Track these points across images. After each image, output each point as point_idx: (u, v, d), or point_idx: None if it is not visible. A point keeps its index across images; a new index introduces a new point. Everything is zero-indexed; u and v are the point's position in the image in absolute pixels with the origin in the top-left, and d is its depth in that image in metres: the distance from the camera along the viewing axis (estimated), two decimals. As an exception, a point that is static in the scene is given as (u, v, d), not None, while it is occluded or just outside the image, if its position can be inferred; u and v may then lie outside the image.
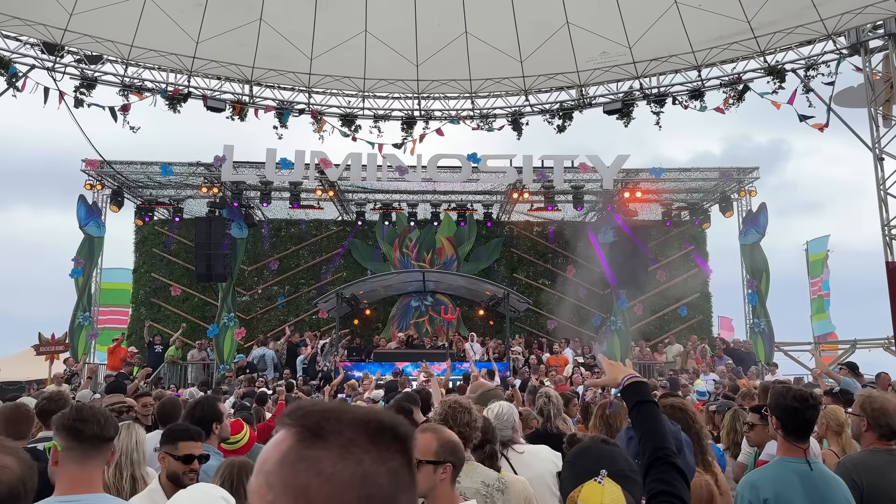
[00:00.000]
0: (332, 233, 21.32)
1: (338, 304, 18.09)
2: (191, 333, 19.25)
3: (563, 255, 21.02)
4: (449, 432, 2.77)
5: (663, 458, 2.08)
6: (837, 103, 14.65)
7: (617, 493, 1.81)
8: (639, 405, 2.25)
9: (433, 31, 15.30)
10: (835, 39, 14.44)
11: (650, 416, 2.21)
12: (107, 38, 14.88)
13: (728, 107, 15.67)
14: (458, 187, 19.40)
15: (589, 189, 19.09)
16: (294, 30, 15.24)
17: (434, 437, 2.69)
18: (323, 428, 0.87)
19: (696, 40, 15.00)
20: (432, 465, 2.61)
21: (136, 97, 15.65)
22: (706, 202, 20.59)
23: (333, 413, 0.89)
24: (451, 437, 2.71)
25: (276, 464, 0.86)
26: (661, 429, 2.18)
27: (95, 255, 18.62)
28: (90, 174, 18.30)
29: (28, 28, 14.25)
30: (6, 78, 14.34)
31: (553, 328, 20.45)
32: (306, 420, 0.88)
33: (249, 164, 18.21)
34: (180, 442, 3.34)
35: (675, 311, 20.75)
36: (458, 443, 2.72)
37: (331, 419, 0.88)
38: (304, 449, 0.86)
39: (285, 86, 16.64)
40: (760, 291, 18.67)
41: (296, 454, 0.86)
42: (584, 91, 16.47)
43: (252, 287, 20.88)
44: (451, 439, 2.69)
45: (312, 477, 0.84)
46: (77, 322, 17.90)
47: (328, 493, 0.84)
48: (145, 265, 20.75)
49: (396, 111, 17.17)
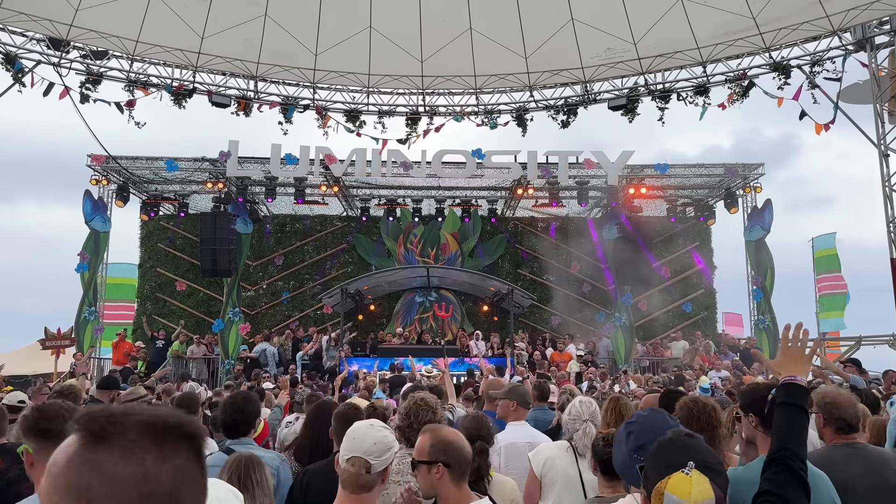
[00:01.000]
0: (336, 228, 21.36)
1: (342, 299, 18.12)
2: (196, 328, 19.32)
3: (567, 251, 21.01)
4: (447, 432, 2.75)
5: (782, 459, 2.06)
6: (843, 100, 14.60)
7: (705, 484, 1.79)
8: (785, 405, 2.23)
9: (438, 27, 15.31)
10: (840, 35, 14.40)
11: (791, 419, 2.19)
12: (112, 34, 14.94)
13: (732, 103, 15.64)
14: (463, 183, 19.40)
15: (594, 185, 19.08)
16: (299, 25, 15.26)
17: (427, 438, 2.69)
18: (106, 431, 0.93)
19: (701, 36, 14.97)
20: (426, 465, 2.63)
21: (142, 92, 15.71)
22: (711, 198, 20.56)
23: (118, 417, 0.95)
24: (446, 437, 2.69)
25: (62, 466, 0.93)
26: (795, 433, 2.15)
27: (101, 250, 18.70)
28: (96, 169, 18.38)
29: (34, 23, 14.31)
30: (12, 73, 14.40)
31: (557, 324, 20.46)
32: (91, 425, 0.94)
33: (254, 160, 18.25)
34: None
35: (680, 308, 20.73)
36: (455, 442, 2.67)
37: (115, 423, 0.94)
38: (88, 452, 0.92)
39: (290, 81, 16.67)
40: (765, 288, 18.63)
41: (80, 457, 0.92)
42: (589, 87, 16.46)
43: (257, 282, 20.93)
44: (444, 439, 2.67)
45: (94, 477, 0.90)
46: (83, 316, 17.99)
47: (109, 492, 0.90)
48: (151, 260, 20.82)
49: (401, 107, 17.18)
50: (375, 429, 2.61)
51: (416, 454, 2.69)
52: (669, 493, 1.80)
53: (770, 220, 18.64)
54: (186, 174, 18.93)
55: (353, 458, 2.51)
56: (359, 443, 2.54)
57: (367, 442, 2.54)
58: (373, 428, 2.61)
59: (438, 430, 2.77)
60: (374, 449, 2.53)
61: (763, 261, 18.74)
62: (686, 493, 1.78)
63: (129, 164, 18.47)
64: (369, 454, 2.52)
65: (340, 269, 21.02)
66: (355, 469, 2.50)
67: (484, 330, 19.30)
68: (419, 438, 2.75)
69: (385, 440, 2.58)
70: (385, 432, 2.63)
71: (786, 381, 2.29)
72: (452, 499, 2.60)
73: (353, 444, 2.55)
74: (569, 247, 20.91)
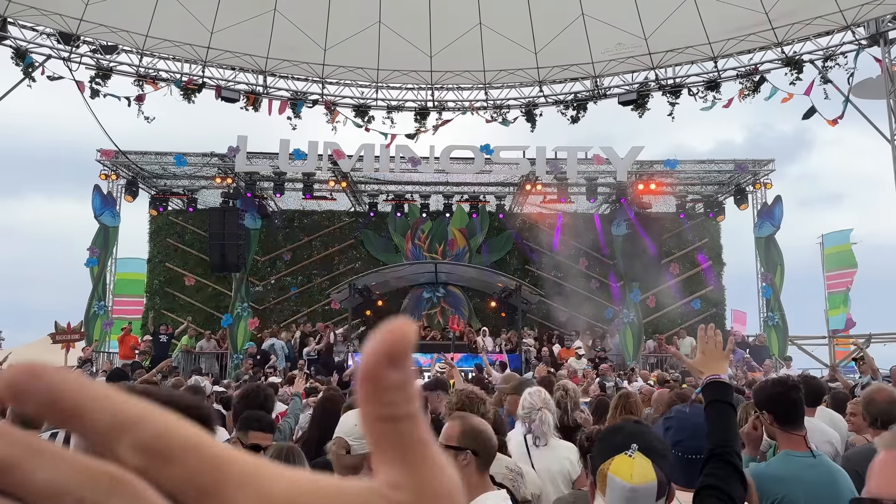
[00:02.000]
0: (344, 224, 21.35)
1: (350, 294, 18.12)
2: (204, 323, 19.36)
3: (576, 248, 20.95)
4: (476, 421, 2.75)
5: (721, 454, 2.12)
6: (856, 94, 14.50)
7: (647, 466, 1.84)
8: (715, 403, 2.30)
9: (447, 22, 15.26)
10: (853, 30, 14.28)
11: (722, 416, 2.26)
12: (122, 28, 14.96)
13: (743, 98, 15.54)
14: (471, 178, 19.35)
15: (602, 181, 19.00)
16: (308, 20, 15.25)
17: (458, 424, 2.70)
18: None
19: (712, 31, 14.88)
20: (453, 450, 2.62)
21: (151, 87, 15.73)
22: (721, 195, 20.45)
23: None
24: (477, 426, 2.69)
25: None
26: (728, 428, 2.23)
27: (110, 245, 18.75)
28: (105, 164, 18.41)
29: (44, 18, 14.34)
30: (23, 68, 14.43)
31: (565, 320, 20.41)
32: None
33: (263, 155, 18.25)
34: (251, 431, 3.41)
35: (689, 305, 20.65)
36: (484, 431, 2.68)
37: None
38: None
39: (299, 76, 16.66)
40: (775, 285, 18.54)
41: None
42: (599, 82, 16.38)
43: (265, 277, 20.96)
44: (475, 427, 2.68)
45: None
46: (92, 311, 18.06)
47: None
48: (159, 255, 20.86)
49: (410, 102, 17.14)
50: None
51: (444, 439, 2.69)
52: (612, 474, 1.85)
53: (780, 217, 18.54)
54: (195, 169, 18.96)
55: (336, 438, 2.57)
56: (342, 426, 2.61)
57: (349, 424, 2.60)
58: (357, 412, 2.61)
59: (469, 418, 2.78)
60: (355, 430, 2.56)
61: (772, 257, 18.64)
62: (628, 475, 1.83)
63: (138, 159, 18.50)
64: (349, 435, 2.56)
65: (348, 264, 21.02)
66: (335, 450, 2.55)
67: (491, 326, 19.26)
68: (447, 424, 2.76)
69: None
70: None
71: (710, 380, 2.36)
72: (474, 487, 2.60)
73: (339, 427, 2.62)
74: (577, 243, 20.85)
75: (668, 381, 11.06)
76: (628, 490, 1.83)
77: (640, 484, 1.82)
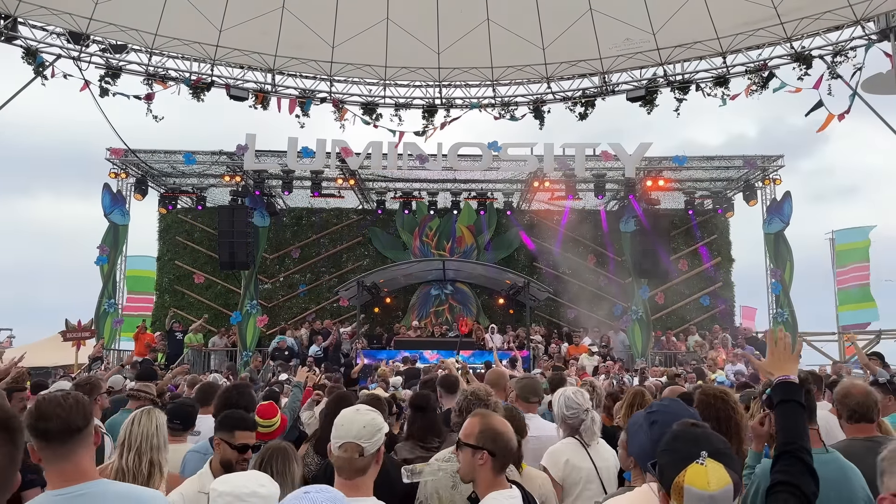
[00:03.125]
0: (352, 221, 21.41)
1: (359, 292, 18.18)
2: (214, 321, 19.48)
3: (584, 244, 20.92)
4: (497, 421, 2.74)
5: (792, 451, 2.21)
6: (865, 90, 14.38)
7: (721, 471, 1.84)
8: (784, 402, 2.41)
9: (455, 19, 15.24)
10: (863, 25, 14.18)
11: (791, 414, 2.36)
12: (131, 27, 15.01)
13: (751, 93, 15.46)
14: (479, 176, 19.36)
15: (611, 177, 18.97)
16: (316, 18, 15.26)
17: (477, 422, 2.72)
18: None
19: (721, 27, 14.80)
20: (470, 448, 2.65)
21: (160, 86, 15.78)
22: (730, 191, 20.38)
23: None
24: (495, 426, 2.69)
25: None
26: (797, 426, 2.31)
27: (120, 243, 18.86)
28: (114, 163, 18.52)
29: (54, 17, 14.41)
30: (34, 67, 14.51)
31: (573, 317, 20.41)
32: None
33: (271, 153, 18.33)
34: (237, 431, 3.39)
35: (698, 301, 20.60)
36: (504, 433, 2.67)
37: None
38: None
39: (307, 74, 16.68)
40: (784, 281, 18.46)
41: None
42: (607, 78, 16.33)
43: (274, 275, 21.05)
44: (493, 427, 2.68)
45: None
46: (102, 309, 18.18)
47: None
48: (169, 253, 20.99)
49: (417, 99, 17.14)
50: (362, 413, 2.64)
51: (463, 436, 2.72)
52: (689, 486, 1.83)
53: (789, 213, 18.46)
54: (204, 167, 19.04)
55: (345, 444, 2.54)
56: (347, 429, 2.57)
57: (356, 427, 2.57)
58: (360, 413, 2.64)
59: (489, 417, 2.78)
60: (363, 433, 2.56)
61: (782, 254, 18.57)
62: (705, 483, 1.82)
63: (147, 158, 18.60)
64: (360, 438, 2.55)
65: (357, 262, 21.08)
66: (348, 455, 2.53)
67: (500, 323, 19.27)
68: (468, 420, 2.78)
69: (374, 423, 2.61)
70: (372, 415, 2.66)
71: (780, 381, 2.47)
72: (487, 485, 2.61)
73: (342, 430, 2.58)
74: (585, 240, 20.82)
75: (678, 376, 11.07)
76: (708, 498, 1.81)
77: (719, 489, 1.82)
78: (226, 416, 3.50)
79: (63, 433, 2.29)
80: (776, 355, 2.58)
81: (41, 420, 2.29)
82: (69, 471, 2.28)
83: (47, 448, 2.29)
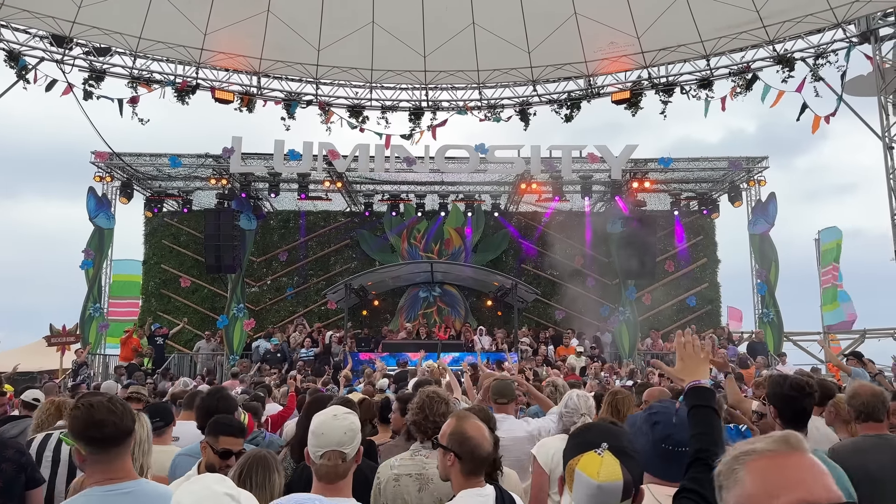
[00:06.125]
0: (340, 224, 21.38)
1: (346, 294, 18.15)
2: (200, 324, 19.39)
3: (571, 246, 20.99)
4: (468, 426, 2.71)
5: (703, 458, 2.11)
6: (847, 92, 14.56)
7: (615, 466, 1.86)
8: (697, 408, 2.28)
9: (440, 22, 15.29)
10: (844, 28, 14.35)
11: (705, 421, 2.24)
12: (115, 30, 14.96)
13: (735, 96, 15.61)
14: (466, 178, 19.39)
15: (597, 179, 19.05)
16: (301, 21, 15.27)
17: (450, 424, 2.73)
18: None
19: (704, 30, 14.93)
20: (441, 448, 2.67)
21: (145, 89, 15.73)
22: (715, 192, 20.52)
23: None
24: (465, 430, 2.67)
25: None
26: (712, 433, 2.20)
27: (105, 247, 18.75)
28: (99, 166, 18.40)
29: (37, 20, 14.33)
30: (16, 70, 14.43)
31: (561, 318, 20.47)
32: None
33: (258, 156, 18.27)
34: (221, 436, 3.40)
35: (684, 301, 20.72)
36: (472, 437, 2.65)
37: None
38: None
39: (293, 77, 16.68)
40: (769, 281, 18.60)
41: None
42: (592, 81, 16.43)
43: (261, 278, 20.98)
44: (462, 430, 2.67)
45: None
46: (88, 313, 18.05)
47: None
48: (155, 257, 20.86)
49: (404, 102, 17.17)
50: (341, 418, 2.62)
51: (439, 436, 2.74)
52: (580, 470, 1.88)
53: (774, 214, 18.61)
54: (190, 170, 18.95)
55: (327, 452, 2.52)
56: (328, 437, 2.54)
57: (338, 433, 2.55)
58: (338, 418, 2.62)
59: (463, 421, 2.75)
60: (345, 438, 2.55)
61: (767, 255, 18.71)
62: (594, 472, 1.85)
63: (132, 161, 18.49)
64: (342, 444, 2.54)
65: (344, 264, 21.05)
66: (332, 463, 2.52)
67: (488, 325, 19.30)
68: (448, 420, 2.79)
69: (353, 426, 2.61)
70: (351, 418, 2.65)
71: (692, 386, 2.34)
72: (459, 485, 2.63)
73: (323, 439, 2.55)
74: (572, 241, 20.90)
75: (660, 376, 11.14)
76: (594, 487, 1.85)
77: (606, 482, 1.85)
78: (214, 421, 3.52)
79: (117, 438, 2.39)
80: (686, 360, 2.42)
81: (96, 428, 2.36)
82: (115, 469, 2.38)
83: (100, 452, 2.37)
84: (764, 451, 1.18)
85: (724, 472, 1.21)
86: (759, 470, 1.16)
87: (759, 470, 1.16)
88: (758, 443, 1.21)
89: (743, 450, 1.21)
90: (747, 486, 1.15)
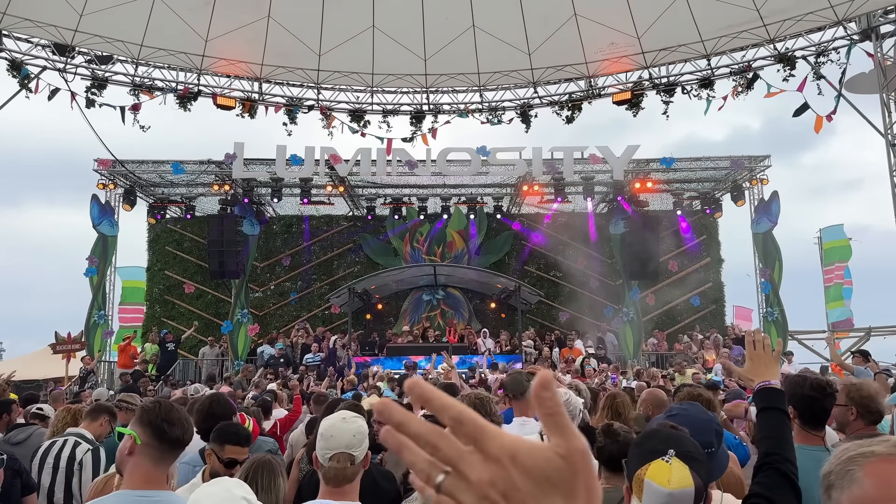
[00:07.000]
0: (342, 228, 21.39)
1: (350, 298, 18.16)
2: (205, 330, 19.40)
3: (574, 247, 20.98)
4: None
5: (771, 463, 2.08)
6: (849, 89, 14.55)
7: (684, 472, 1.82)
8: (766, 410, 2.25)
9: (441, 25, 15.32)
10: (845, 25, 14.34)
11: (773, 423, 2.21)
12: (117, 38, 15.01)
13: (736, 95, 15.60)
14: (468, 181, 19.39)
15: (599, 180, 19.04)
16: (302, 27, 15.30)
17: None
18: None
19: (705, 29, 14.93)
20: None
21: (147, 96, 15.77)
22: (718, 191, 20.49)
23: None
24: None
25: None
26: (780, 436, 2.17)
27: (109, 254, 18.78)
28: (102, 173, 18.45)
29: (39, 29, 14.39)
30: (19, 80, 14.48)
31: (565, 320, 20.45)
32: None
33: (260, 161, 18.30)
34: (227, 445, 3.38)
35: (688, 301, 20.68)
36: None
37: None
38: None
39: (294, 82, 16.71)
40: (773, 280, 18.56)
41: None
42: (593, 82, 16.43)
43: (265, 283, 20.99)
44: None
45: None
46: (92, 320, 18.07)
47: None
48: (159, 263, 20.90)
49: (405, 106, 17.19)
50: (349, 421, 2.63)
51: None
52: (649, 479, 1.83)
53: (777, 213, 18.57)
54: (193, 177, 18.99)
55: (336, 454, 2.53)
56: (337, 440, 2.55)
57: (347, 436, 2.56)
58: (346, 421, 2.62)
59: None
60: (354, 441, 2.56)
61: (770, 253, 18.67)
62: (665, 481, 1.81)
63: (135, 168, 18.54)
64: (351, 447, 2.54)
65: (348, 268, 21.06)
66: (341, 465, 2.52)
67: (491, 327, 19.29)
68: None
69: (361, 429, 2.62)
70: (359, 421, 2.66)
71: (761, 387, 2.30)
72: None
73: (333, 441, 2.55)
74: (576, 242, 20.88)
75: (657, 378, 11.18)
76: (665, 495, 1.80)
77: (678, 489, 1.81)
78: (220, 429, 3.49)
79: (175, 442, 2.38)
80: (755, 360, 2.38)
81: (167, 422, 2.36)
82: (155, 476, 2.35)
83: (156, 448, 2.35)
84: (885, 454, 1.16)
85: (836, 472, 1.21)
86: (881, 474, 1.14)
87: (880, 473, 1.15)
88: (875, 445, 1.19)
89: (860, 451, 1.19)
90: (867, 489, 1.14)
